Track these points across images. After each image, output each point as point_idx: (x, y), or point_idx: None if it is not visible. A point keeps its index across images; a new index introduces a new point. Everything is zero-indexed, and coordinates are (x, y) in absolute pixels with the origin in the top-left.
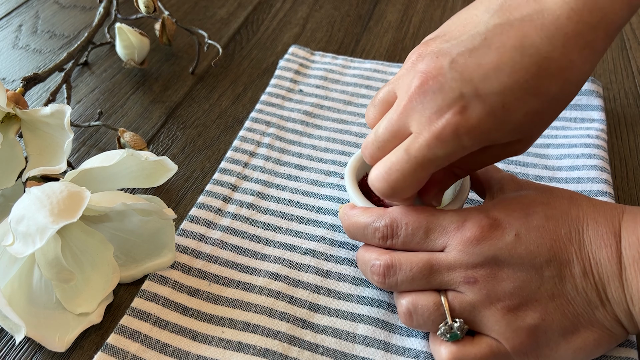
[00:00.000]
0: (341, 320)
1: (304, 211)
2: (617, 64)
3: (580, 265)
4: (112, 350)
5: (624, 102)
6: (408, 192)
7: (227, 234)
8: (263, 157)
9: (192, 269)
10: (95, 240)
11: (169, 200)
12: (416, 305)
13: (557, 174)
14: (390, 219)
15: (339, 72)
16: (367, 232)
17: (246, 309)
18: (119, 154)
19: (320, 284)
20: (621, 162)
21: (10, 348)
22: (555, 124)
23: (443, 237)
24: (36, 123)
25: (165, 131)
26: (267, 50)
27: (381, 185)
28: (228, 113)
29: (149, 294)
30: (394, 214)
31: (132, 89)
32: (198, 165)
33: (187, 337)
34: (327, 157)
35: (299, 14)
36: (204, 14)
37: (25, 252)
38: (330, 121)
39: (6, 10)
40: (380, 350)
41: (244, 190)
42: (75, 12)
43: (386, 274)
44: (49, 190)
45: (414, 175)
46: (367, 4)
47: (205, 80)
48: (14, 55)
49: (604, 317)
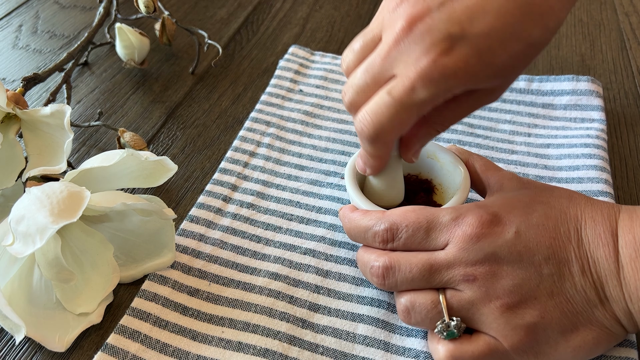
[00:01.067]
0: (341, 320)
1: (304, 211)
2: (617, 64)
3: (579, 263)
4: (112, 350)
5: (624, 102)
6: (392, 135)
7: (227, 234)
8: (263, 157)
9: (192, 269)
10: (95, 240)
11: (169, 200)
12: (414, 303)
13: (557, 174)
14: (390, 222)
15: (339, 72)
16: (368, 236)
17: (246, 309)
18: (119, 154)
19: (320, 284)
20: (621, 162)
21: (10, 348)
22: (555, 124)
23: (444, 235)
24: (36, 123)
25: (165, 131)
26: (267, 50)
27: (365, 129)
28: (228, 113)
29: (149, 294)
30: (393, 217)
31: (132, 89)
32: (198, 165)
33: (187, 337)
34: (327, 157)
35: (299, 14)
36: (204, 14)
37: (25, 252)
38: (330, 121)
39: (6, 10)
40: (380, 350)
41: (244, 190)
42: (75, 12)
43: (385, 275)
44: (49, 190)
45: (398, 118)
46: (367, 4)
47: (205, 80)
48: (14, 55)
49: (603, 315)
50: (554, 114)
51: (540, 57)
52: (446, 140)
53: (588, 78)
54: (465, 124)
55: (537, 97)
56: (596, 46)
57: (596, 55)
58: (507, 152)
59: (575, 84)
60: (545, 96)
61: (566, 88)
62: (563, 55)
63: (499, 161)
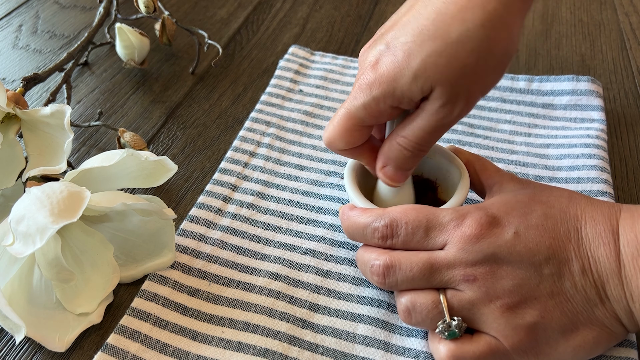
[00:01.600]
0: (341, 320)
1: (304, 211)
2: (617, 64)
3: (579, 263)
4: (112, 350)
5: (624, 102)
6: (340, 142)
7: (227, 234)
8: (263, 157)
9: (192, 269)
10: (95, 240)
11: (169, 200)
12: (415, 303)
13: (557, 174)
14: (390, 219)
15: (339, 72)
16: (367, 233)
17: (246, 309)
18: (119, 154)
19: (320, 284)
20: (621, 162)
21: (10, 348)
22: (555, 124)
23: (443, 235)
24: (36, 123)
25: (165, 131)
26: (267, 50)
27: (323, 134)
28: (228, 113)
29: (149, 294)
30: (394, 214)
31: (132, 89)
32: (198, 165)
33: (187, 337)
34: (327, 157)
35: (299, 14)
36: (204, 14)
37: (25, 252)
38: None
39: (6, 10)
40: (380, 350)
41: (244, 190)
42: (75, 12)
43: (386, 274)
44: (49, 190)
45: (342, 125)
46: (367, 4)
47: (205, 80)
48: (14, 55)
49: (603, 315)
50: (554, 114)
51: (540, 57)
52: (446, 141)
53: (588, 78)
54: (465, 124)
55: (537, 97)
56: (596, 46)
57: (596, 55)
58: (507, 152)
59: (575, 84)
60: (545, 96)
61: (566, 88)
62: (563, 55)
63: (499, 161)
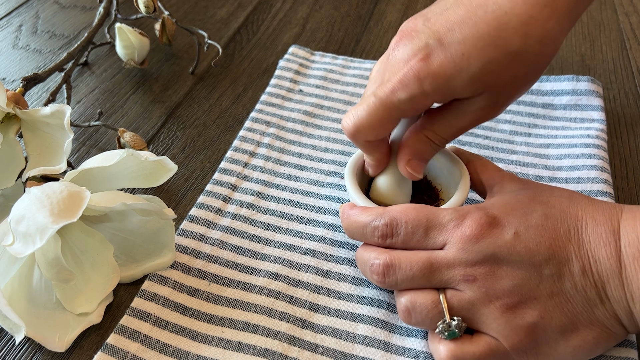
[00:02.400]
0: (341, 320)
1: (304, 211)
2: (617, 64)
3: (579, 263)
4: (112, 350)
5: (624, 102)
6: (370, 132)
7: (227, 234)
8: (263, 157)
9: (192, 269)
10: (95, 240)
11: (169, 200)
12: (415, 303)
13: (557, 174)
14: (390, 217)
15: (339, 72)
16: (367, 231)
17: (246, 309)
18: (119, 154)
19: (320, 284)
20: (621, 162)
21: (10, 348)
22: (555, 124)
23: (443, 235)
24: (36, 123)
25: (165, 131)
26: (267, 50)
27: (347, 123)
28: (228, 113)
29: (149, 294)
30: (394, 213)
31: (132, 89)
32: (198, 165)
33: (187, 337)
34: (327, 157)
35: (299, 14)
36: (204, 14)
37: (25, 252)
38: (330, 121)
39: (6, 10)
40: (380, 350)
41: (244, 190)
42: (75, 12)
43: (386, 273)
44: (49, 190)
45: (377, 114)
46: (367, 4)
47: (205, 80)
48: (14, 55)
49: (603, 315)
50: (554, 114)
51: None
52: None
53: (588, 78)
54: None
55: (537, 97)
56: (596, 46)
57: (596, 55)
58: (507, 152)
59: (575, 84)
60: (545, 96)
61: (566, 88)
62: (563, 55)
63: (499, 161)
